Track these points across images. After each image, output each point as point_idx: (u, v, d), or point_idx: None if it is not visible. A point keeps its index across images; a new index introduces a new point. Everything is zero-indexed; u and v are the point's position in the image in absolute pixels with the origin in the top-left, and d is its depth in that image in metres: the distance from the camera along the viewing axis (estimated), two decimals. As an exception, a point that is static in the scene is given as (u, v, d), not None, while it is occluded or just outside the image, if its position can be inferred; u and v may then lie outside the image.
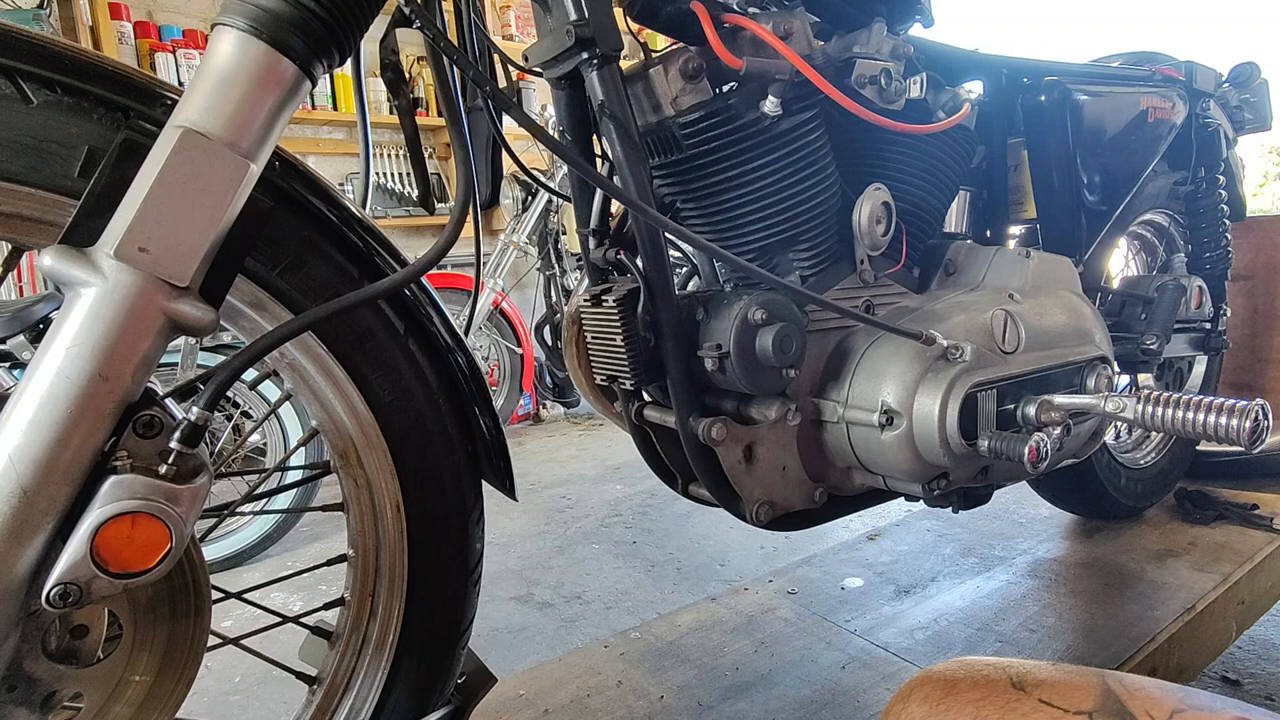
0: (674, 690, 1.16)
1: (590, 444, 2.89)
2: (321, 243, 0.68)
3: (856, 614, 1.37)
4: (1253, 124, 1.61)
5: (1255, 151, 4.54)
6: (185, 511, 0.53)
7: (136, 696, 0.59)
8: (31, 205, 0.56)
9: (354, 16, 0.59)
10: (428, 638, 0.80)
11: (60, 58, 0.56)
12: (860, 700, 1.12)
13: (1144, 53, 1.52)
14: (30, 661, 0.54)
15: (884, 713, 0.56)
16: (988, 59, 1.18)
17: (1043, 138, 1.21)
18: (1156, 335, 1.32)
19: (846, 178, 0.96)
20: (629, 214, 0.85)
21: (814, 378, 0.95)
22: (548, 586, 1.62)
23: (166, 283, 0.52)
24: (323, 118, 3.10)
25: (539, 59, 0.83)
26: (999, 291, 1.03)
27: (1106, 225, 1.30)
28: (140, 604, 0.58)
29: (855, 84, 0.88)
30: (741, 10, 0.85)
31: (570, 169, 0.93)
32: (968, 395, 0.87)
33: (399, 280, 0.63)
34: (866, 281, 0.99)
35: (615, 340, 0.84)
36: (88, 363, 0.50)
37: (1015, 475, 1.06)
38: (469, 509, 0.81)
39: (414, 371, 0.74)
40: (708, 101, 0.85)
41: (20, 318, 0.77)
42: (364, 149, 0.85)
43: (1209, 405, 0.82)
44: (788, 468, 0.93)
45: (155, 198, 0.51)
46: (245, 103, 0.54)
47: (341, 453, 0.74)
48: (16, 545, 0.49)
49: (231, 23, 0.54)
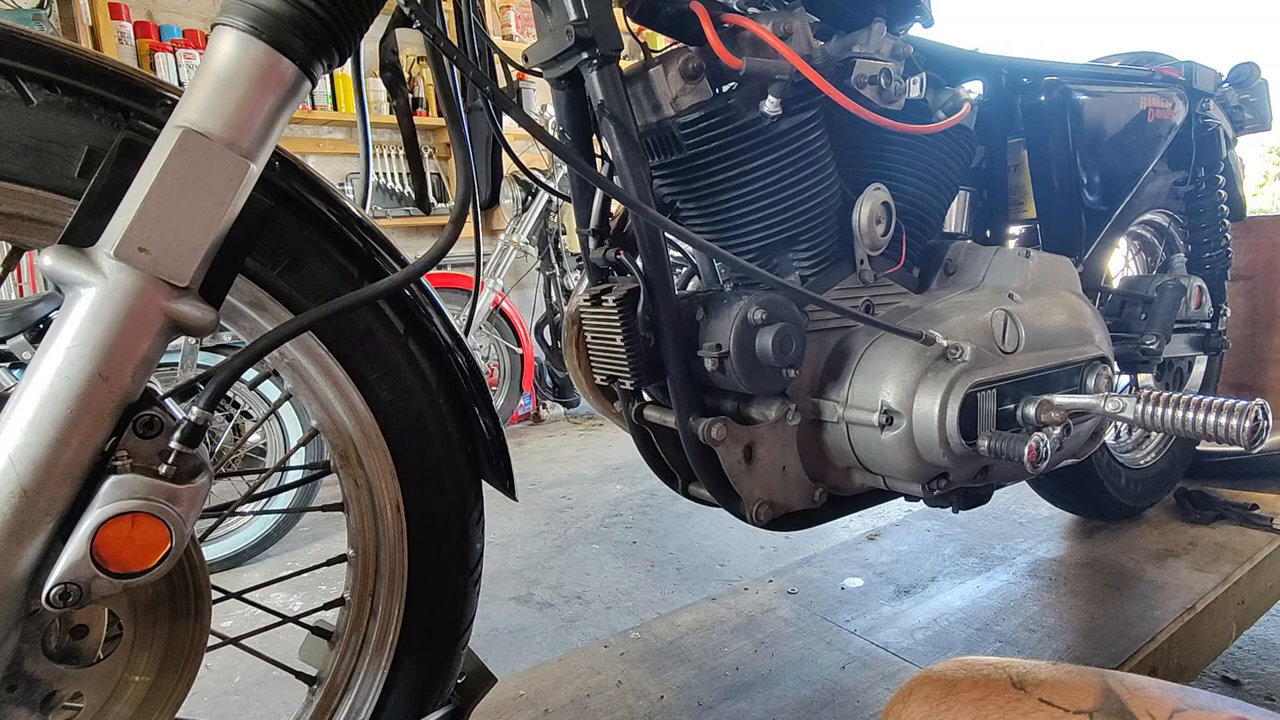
0: (674, 690, 1.16)
1: (590, 444, 2.89)
2: (321, 243, 0.68)
3: (856, 614, 1.37)
4: (1252, 124, 1.61)
5: (1255, 151, 4.54)
6: (185, 511, 0.53)
7: (136, 696, 0.59)
8: (31, 205, 0.56)
9: (354, 16, 0.59)
10: (428, 638, 0.80)
11: (60, 57, 0.56)
12: (860, 700, 1.12)
13: (1144, 53, 1.52)
14: (30, 661, 0.54)
15: (884, 713, 0.56)
16: (987, 59, 1.18)
17: (1043, 137, 1.21)
18: (1156, 335, 1.31)
19: (846, 178, 0.96)
20: (629, 214, 0.85)
21: (814, 378, 0.95)
22: (548, 586, 1.62)
23: (166, 283, 0.52)
24: (322, 118, 3.10)
25: (539, 59, 0.83)
26: (999, 291, 1.03)
27: (1106, 225, 1.30)
28: (140, 604, 0.58)
29: (855, 84, 0.88)
30: (741, 10, 0.85)
31: (570, 169, 0.93)
32: (967, 395, 0.87)
33: (399, 280, 0.63)
34: (866, 281, 0.99)
35: (615, 340, 0.84)
36: (88, 363, 0.50)
37: (1015, 475, 1.06)
38: (469, 509, 0.81)
39: (414, 371, 0.74)
40: (707, 101, 0.85)
41: (20, 318, 0.77)
42: (364, 149, 0.85)
43: (1209, 405, 0.82)
44: (788, 468, 0.93)
45: (155, 198, 0.51)
46: (245, 103, 0.54)
47: (341, 453, 0.74)
48: (16, 545, 0.49)
49: (231, 22, 0.54)
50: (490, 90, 0.69)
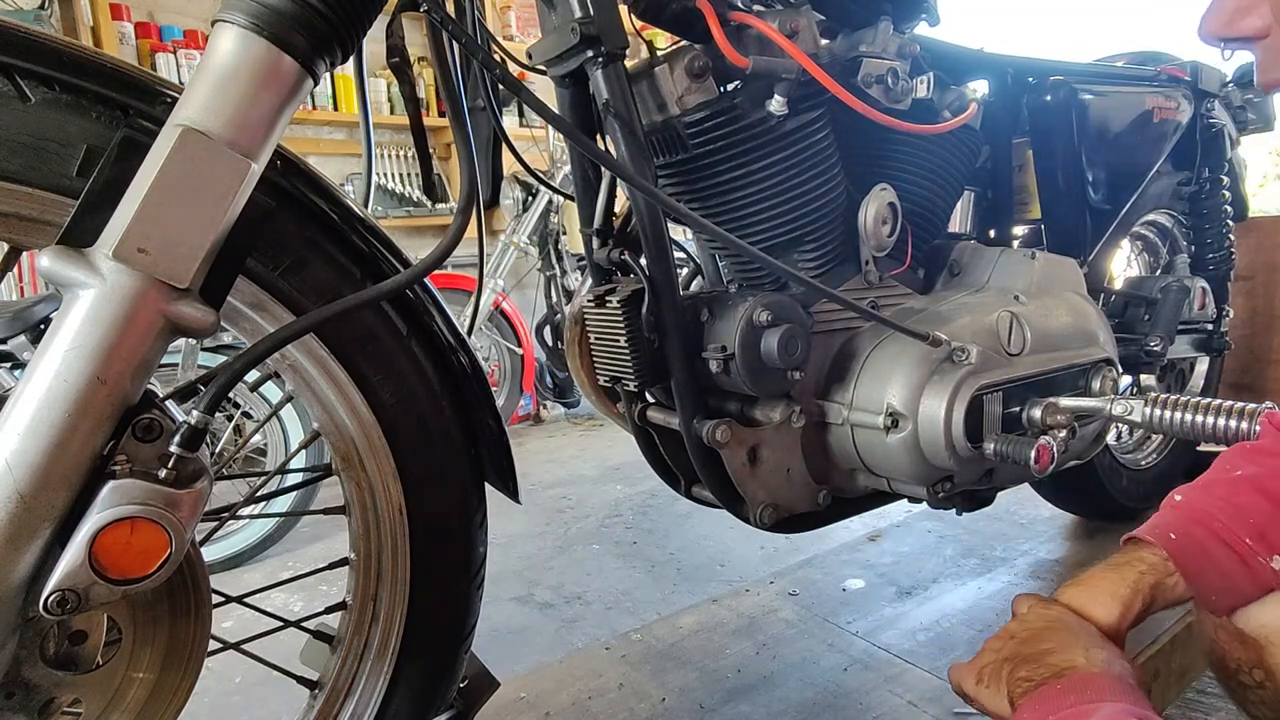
0: (675, 692, 1.16)
1: (591, 444, 2.89)
2: (324, 243, 0.68)
3: (858, 615, 1.36)
4: (1256, 124, 1.60)
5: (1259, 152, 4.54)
6: (185, 516, 0.52)
7: (136, 702, 0.58)
8: (29, 205, 0.55)
9: (357, 14, 0.58)
10: (430, 642, 0.79)
11: (59, 55, 0.55)
12: (863, 702, 1.11)
13: (1149, 52, 1.51)
14: (28, 668, 0.53)
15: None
16: (993, 58, 1.18)
17: (1048, 137, 1.21)
18: (1161, 337, 1.31)
19: (852, 178, 0.96)
20: (632, 214, 0.85)
21: (819, 380, 0.95)
22: (548, 587, 1.62)
23: (166, 284, 0.51)
24: (323, 118, 3.08)
25: (543, 56, 0.82)
26: (1004, 293, 1.03)
27: (1111, 226, 1.30)
28: (140, 608, 0.58)
29: (862, 83, 0.88)
30: (747, 8, 0.84)
31: (573, 166, 0.92)
32: (973, 398, 0.87)
33: (403, 281, 0.62)
34: (871, 282, 0.98)
35: (619, 341, 0.83)
36: (86, 365, 0.49)
37: (1020, 477, 1.05)
38: (472, 512, 0.80)
39: (417, 373, 0.74)
40: (713, 100, 0.84)
41: (21, 318, 0.76)
42: (366, 148, 0.84)
43: (1217, 408, 0.82)
44: (792, 470, 0.92)
45: (155, 197, 0.50)
46: (246, 101, 0.53)
47: (343, 455, 0.73)
48: (14, 551, 0.49)
49: (233, 19, 0.53)
50: (500, 74, 0.69)
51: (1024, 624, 0.64)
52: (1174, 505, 0.70)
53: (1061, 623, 0.62)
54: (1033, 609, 0.66)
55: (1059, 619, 0.63)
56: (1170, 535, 0.67)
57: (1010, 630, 0.64)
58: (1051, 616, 0.63)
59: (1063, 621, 0.62)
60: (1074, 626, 0.62)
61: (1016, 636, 0.62)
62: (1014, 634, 0.63)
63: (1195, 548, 0.65)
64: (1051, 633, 0.60)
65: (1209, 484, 0.70)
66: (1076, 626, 0.62)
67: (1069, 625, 0.62)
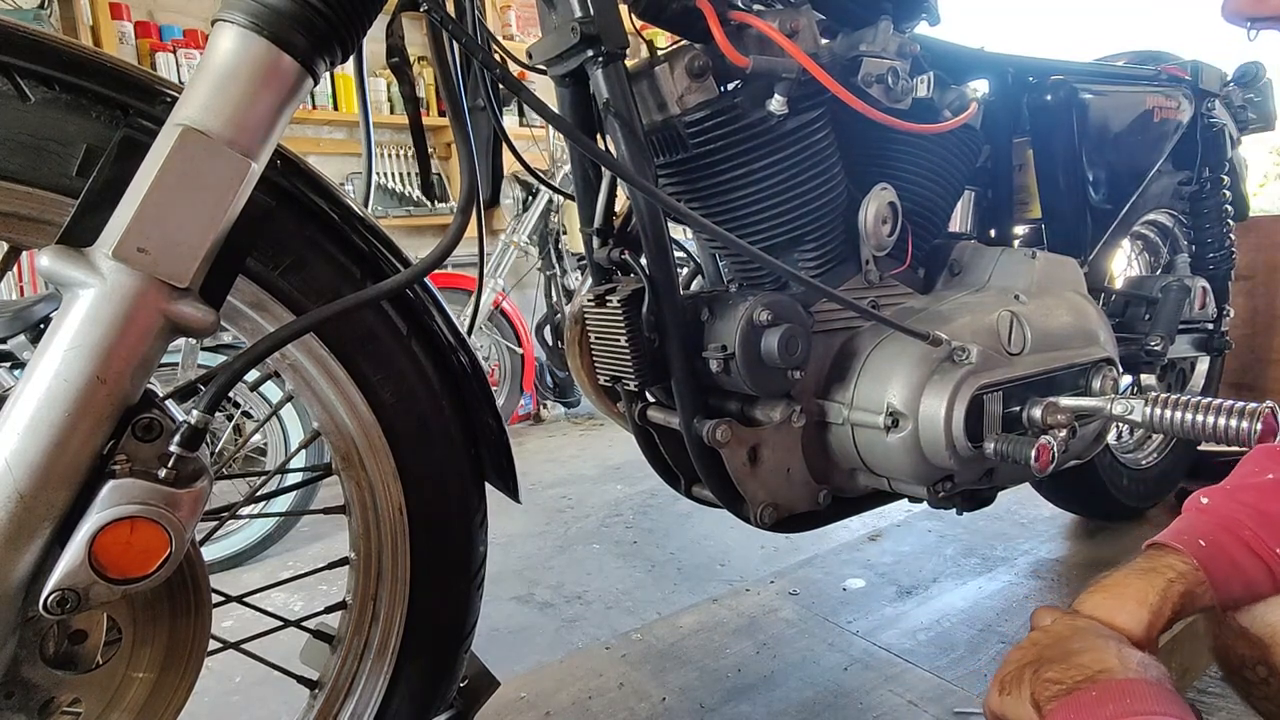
0: (676, 692, 1.16)
1: (591, 444, 2.88)
2: (324, 242, 0.68)
3: (858, 615, 1.36)
4: (1256, 124, 1.60)
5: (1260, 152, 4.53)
6: (185, 516, 0.52)
7: (136, 702, 0.58)
8: (29, 204, 0.55)
9: (357, 13, 0.58)
10: (430, 642, 0.79)
11: (58, 54, 0.55)
12: (863, 702, 1.11)
13: (1149, 52, 1.51)
14: (28, 668, 0.53)
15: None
16: (993, 57, 1.18)
17: (1048, 137, 1.21)
18: (1161, 336, 1.31)
19: (852, 177, 0.95)
20: (633, 213, 0.85)
21: (819, 379, 0.95)
22: (548, 586, 1.62)
23: (166, 283, 0.51)
24: (323, 118, 3.08)
25: (543, 56, 0.82)
26: (1005, 292, 1.03)
27: (1112, 225, 1.29)
28: (139, 608, 0.57)
29: (862, 83, 0.88)
30: (747, 8, 0.84)
31: (573, 166, 0.92)
32: (974, 397, 0.87)
33: (403, 280, 0.62)
34: (871, 282, 0.98)
35: (619, 341, 0.83)
36: (86, 365, 0.49)
37: (1021, 477, 1.05)
38: (472, 511, 0.80)
39: (417, 373, 0.74)
40: (713, 100, 0.84)
41: (21, 318, 0.76)
42: (366, 148, 0.84)
43: (1218, 408, 0.81)
44: (792, 470, 0.92)
45: (154, 197, 0.50)
46: (246, 100, 0.53)
47: (343, 455, 0.73)
48: (14, 551, 0.49)
49: (232, 19, 0.53)
50: (500, 73, 0.69)
51: (1048, 632, 0.61)
52: (1200, 509, 0.68)
53: (1090, 627, 0.59)
54: (1057, 620, 0.62)
55: (1087, 625, 0.60)
56: (1200, 542, 0.64)
57: (1034, 639, 0.61)
58: (1079, 625, 0.60)
59: (1091, 627, 0.59)
60: (1103, 630, 0.59)
61: (1039, 643, 0.59)
62: (1037, 641, 0.60)
63: (1224, 556, 0.63)
64: (1080, 635, 0.58)
65: (1235, 489, 0.68)
66: (1105, 630, 0.59)
67: (1097, 629, 0.59)
